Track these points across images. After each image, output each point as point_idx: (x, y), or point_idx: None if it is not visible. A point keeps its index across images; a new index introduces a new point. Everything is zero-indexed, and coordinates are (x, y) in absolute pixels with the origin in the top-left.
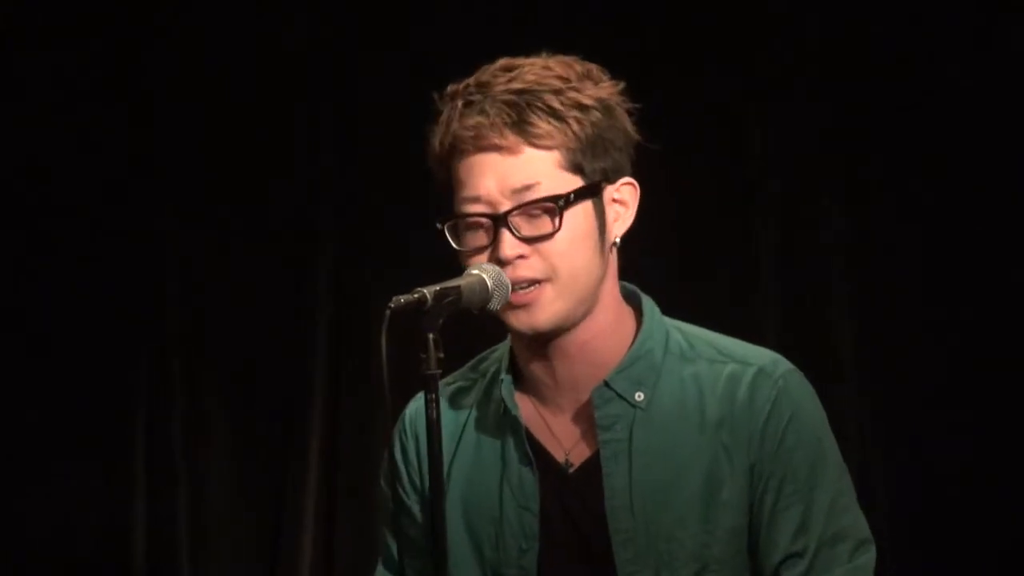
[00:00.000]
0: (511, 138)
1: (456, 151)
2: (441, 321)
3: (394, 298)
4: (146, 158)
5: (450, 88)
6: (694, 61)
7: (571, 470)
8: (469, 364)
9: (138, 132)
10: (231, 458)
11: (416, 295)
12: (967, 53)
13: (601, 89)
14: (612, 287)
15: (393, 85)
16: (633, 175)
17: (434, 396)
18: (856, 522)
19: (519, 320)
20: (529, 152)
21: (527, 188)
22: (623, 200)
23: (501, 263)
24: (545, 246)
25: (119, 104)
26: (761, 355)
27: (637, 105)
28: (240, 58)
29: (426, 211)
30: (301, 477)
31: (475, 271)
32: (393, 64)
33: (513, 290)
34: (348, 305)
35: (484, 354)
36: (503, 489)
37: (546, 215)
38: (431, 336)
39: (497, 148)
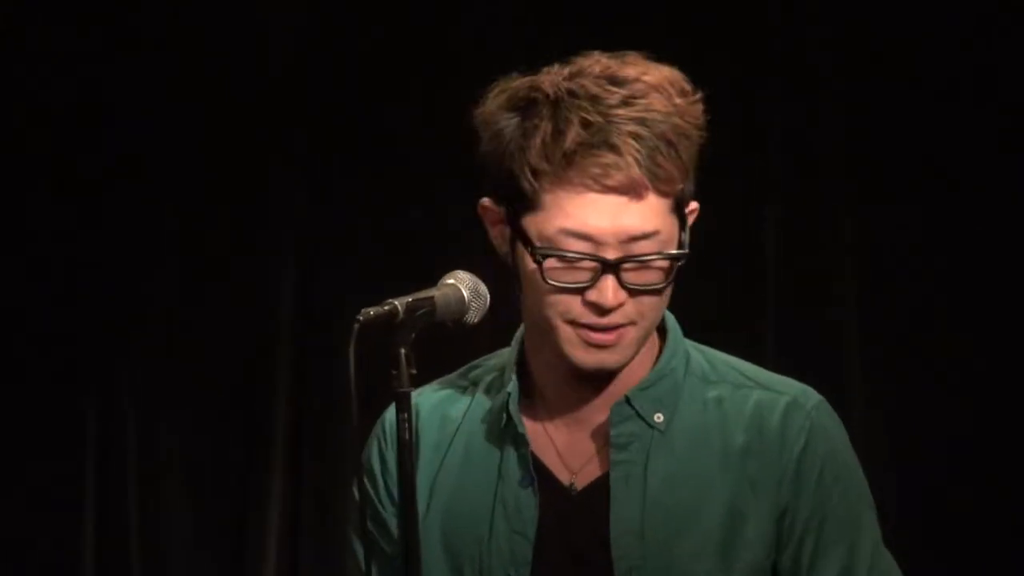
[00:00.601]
0: (639, 180)
1: (569, 177)
2: (414, 335)
3: (363, 310)
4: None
5: (548, 87)
6: (696, 60)
7: (575, 492)
8: (458, 372)
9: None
10: (188, 498)
11: (387, 307)
12: (970, 52)
13: (693, 107)
14: None
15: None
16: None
17: (407, 415)
18: (892, 563)
19: (591, 358)
20: (651, 198)
21: (645, 236)
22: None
23: (596, 307)
24: (645, 297)
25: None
26: (789, 384)
27: (711, 118)
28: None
29: (385, 217)
30: (263, 516)
31: (450, 280)
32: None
33: (593, 329)
34: (313, 322)
35: (476, 362)
36: (495, 510)
37: (658, 269)
38: (403, 351)
39: (624, 191)
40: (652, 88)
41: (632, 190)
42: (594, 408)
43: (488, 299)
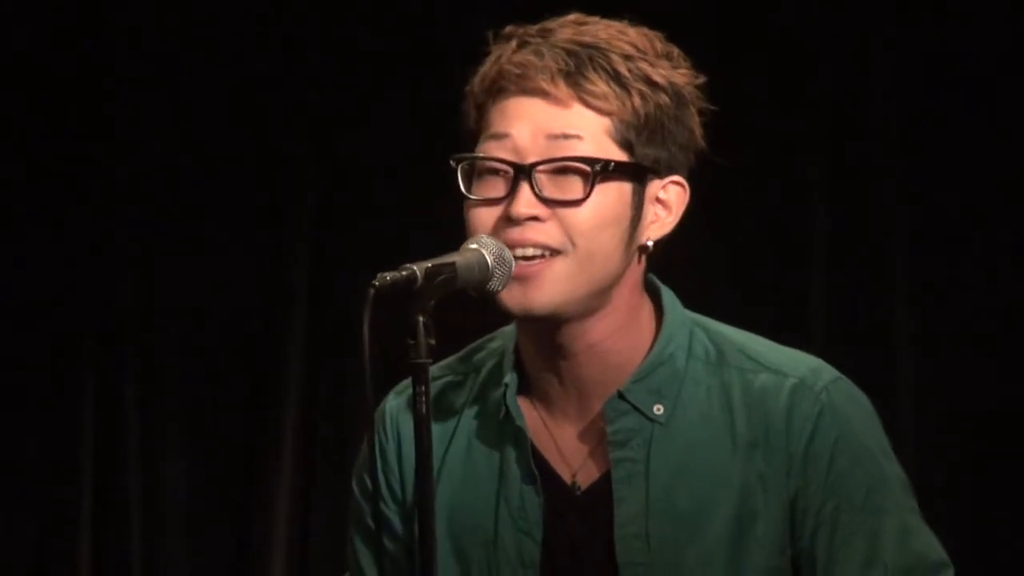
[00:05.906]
0: (563, 88)
1: (496, 89)
2: (433, 303)
3: (379, 275)
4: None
5: (508, 28)
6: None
7: (579, 492)
8: (459, 355)
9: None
10: (191, 484)
11: (404, 272)
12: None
13: (678, 74)
14: (629, 294)
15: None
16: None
17: (424, 388)
18: (930, 544)
19: (512, 296)
20: (578, 108)
21: (565, 138)
22: (667, 201)
23: (511, 221)
24: (567, 213)
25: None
26: (799, 363)
27: (712, 107)
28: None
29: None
30: (272, 490)
31: (473, 245)
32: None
33: (516, 259)
34: (326, 285)
35: (478, 343)
36: (499, 509)
37: (577, 178)
38: (421, 319)
39: (543, 94)
40: (622, 32)
41: (553, 96)
42: (589, 399)
43: (514, 265)
